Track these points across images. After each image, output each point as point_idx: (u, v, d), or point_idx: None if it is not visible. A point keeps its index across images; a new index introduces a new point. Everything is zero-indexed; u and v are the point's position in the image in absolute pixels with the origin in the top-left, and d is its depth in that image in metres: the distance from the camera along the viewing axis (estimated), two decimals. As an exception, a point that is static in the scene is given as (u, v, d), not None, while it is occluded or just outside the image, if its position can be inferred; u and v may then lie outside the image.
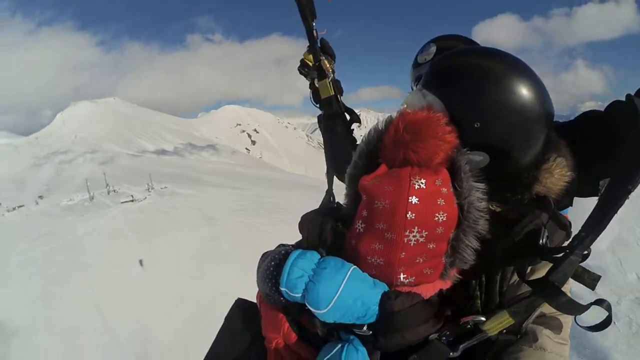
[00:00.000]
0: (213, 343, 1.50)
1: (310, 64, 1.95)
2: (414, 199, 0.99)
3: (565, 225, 1.29)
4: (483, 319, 1.14)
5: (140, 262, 13.21)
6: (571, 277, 1.23)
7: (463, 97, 1.20)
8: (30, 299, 12.86)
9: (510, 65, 1.24)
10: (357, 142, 1.75)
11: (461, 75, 1.24)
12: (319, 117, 2.07)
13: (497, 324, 1.13)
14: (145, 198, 18.43)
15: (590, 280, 1.24)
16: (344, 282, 1.02)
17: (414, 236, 1.01)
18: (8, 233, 17.29)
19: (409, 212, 0.99)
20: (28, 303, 12.70)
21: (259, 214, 15.63)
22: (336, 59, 2.02)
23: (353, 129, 2.03)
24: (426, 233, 1.01)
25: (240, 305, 1.54)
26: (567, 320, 1.29)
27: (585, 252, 1.09)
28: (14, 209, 21.17)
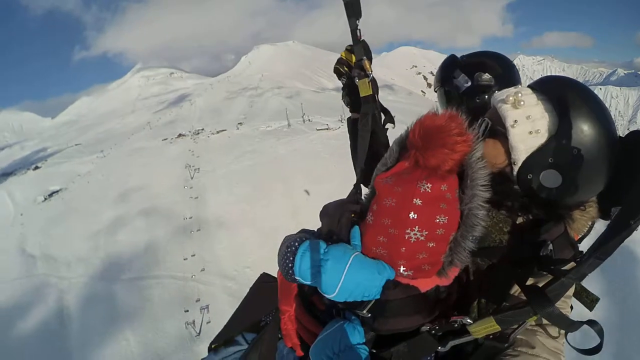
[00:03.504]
0: (239, 305, 1.72)
1: (351, 62, 1.95)
2: (418, 201, 1.08)
3: (574, 245, 1.30)
4: (470, 321, 1.20)
5: (307, 191, 14.62)
6: (572, 295, 1.31)
7: (581, 125, 1.22)
8: (235, 201, 15.61)
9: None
10: (390, 144, 1.81)
11: (593, 107, 1.24)
12: (348, 120, 2.10)
13: (482, 329, 1.18)
14: (339, 127, 19.96)
15: (588, 300, 1.24)
16: (346, 270, 1.12)
17: (414, 234, 1.09)
18: (214, 150, 20.87)
19: (412, 212, 1.08)
20: (233, 204, 15.45)
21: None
22: None
23: (387, 128, 2.03)
24: (426, 232, 1.09)
25: (264, 280, 1.77)
26: (562, 331, 1.31)
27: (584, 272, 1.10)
28: (218, 132, 25.04)
